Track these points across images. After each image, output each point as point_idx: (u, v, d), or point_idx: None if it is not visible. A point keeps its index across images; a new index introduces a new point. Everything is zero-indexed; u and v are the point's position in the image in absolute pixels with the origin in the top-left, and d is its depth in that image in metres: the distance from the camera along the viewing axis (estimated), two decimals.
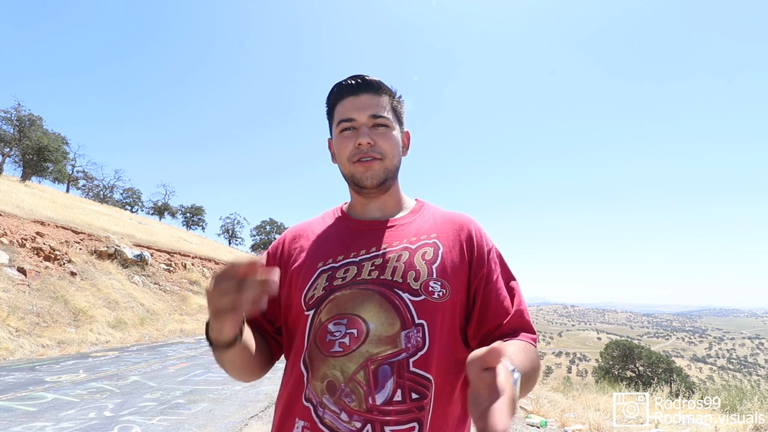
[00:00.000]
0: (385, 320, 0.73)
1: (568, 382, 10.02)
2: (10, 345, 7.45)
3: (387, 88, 0.86)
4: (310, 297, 0.78)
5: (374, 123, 0.83)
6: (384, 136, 0.83)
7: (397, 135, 0.86)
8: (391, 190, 0.89)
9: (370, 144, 0.81)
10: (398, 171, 0.88)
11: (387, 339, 0.72)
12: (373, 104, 0.83)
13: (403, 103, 0.90)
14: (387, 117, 0.84)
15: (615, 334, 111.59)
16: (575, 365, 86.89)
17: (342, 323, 0.74)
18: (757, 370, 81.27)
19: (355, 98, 0.83)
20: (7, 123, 25.75)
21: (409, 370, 0.71)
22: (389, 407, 0.69)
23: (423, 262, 0.78)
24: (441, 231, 0.84)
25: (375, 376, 0.70)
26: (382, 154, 0.82)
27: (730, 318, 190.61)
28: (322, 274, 0.80)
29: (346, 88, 0.84)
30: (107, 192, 41.07)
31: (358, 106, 0.83)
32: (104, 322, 10.31)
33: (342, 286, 0.77)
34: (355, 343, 0.72)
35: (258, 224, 58.51)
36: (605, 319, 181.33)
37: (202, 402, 4.88)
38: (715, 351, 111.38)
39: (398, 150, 0.86)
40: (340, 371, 0.71)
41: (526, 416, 4.81)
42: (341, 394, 0.70)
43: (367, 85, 0.84)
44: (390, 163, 0.84)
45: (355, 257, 0.81)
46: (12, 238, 10.67)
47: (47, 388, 5.23)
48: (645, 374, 21.46)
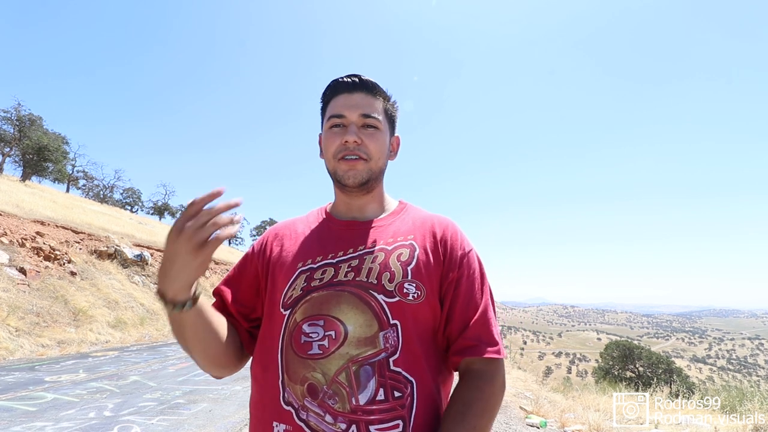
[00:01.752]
0: (363, 322, 0.73)
1: (567, 383, 10.02)
2: (10, 345, 7.44)
3: (382, 91, 0.86)
4: (289, 297, 0.79)
5: (364, 122, 0.82)
6: (372, 137, 0.83)
7: (385, 137, 0.86)
8: (374, 192, 0.89)
9: (357, 143, 0.81)
10: (383, 174, 0.88)
11: (366, 340, 0.72)
12: (365, 104, 0.83)
13: (397, 108, 0.90)
14: (377, 118, 0.83)
15: (615, 334, 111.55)
16: (575, 365, 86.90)
17: (318, 324, 0.74)
18: (757, 371, 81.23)
19: (348, 96, 0.83)
20: (7, 123, 25.75)
21: (389, 368, 0.72)
22: (373, 406, 0.69)
23: (398, 264, 0.78)
24: (418, 233, 0.84)
25: (357, 377, 0.70)
26: (368, 154, 0.82)
27: (730, 318, 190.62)
28: (300, 275, 0.80)
29: (341, 85, 0.84)
30: (107, 192, 41.07)
31: (350, 103, 0.83)
32: (104, 322, 10.31)
33: (319, 287, 0.77)
34: (334, 345, 0.72)
35: (258, 224, 58.55)
36: (605, 319, 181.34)
37: (202, 402, 4.88)
38: (714, 351, 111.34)
39: (385, 153, 0.86)
40: (321, 373, 0.71)
41: (526, 416, 4.81)
42: (324, 396, 0.70)
43: (363, 85, 0.84)
44: (375, 164, 0.84)
45: (333, 258, 0.81)
46: (12, 238, 10.66)
47: (47, 388, 5.23)
48: (645, 375, 21.46)
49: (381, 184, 0.90)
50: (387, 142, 0.86)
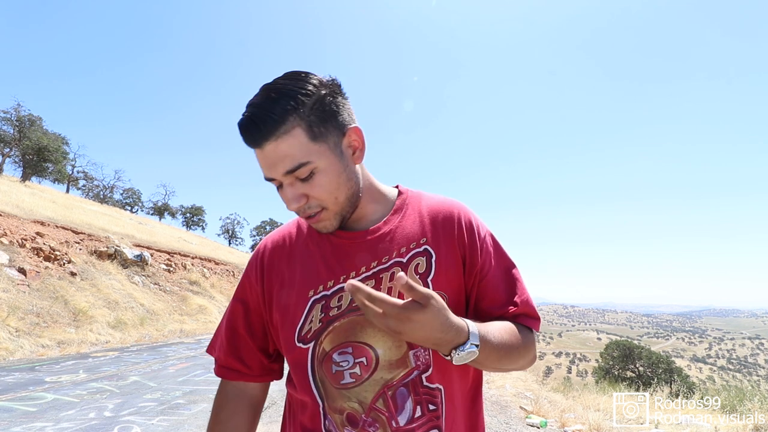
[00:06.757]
0: (392, 344, 0.71)
1: (568, 383, 10.02)
2: (10, 345, 7.45)
3: (294, 108, 0.64)
4: (307, 330, 0.74)
5: (294, 178, 0.67)
6: (312, 183, 0.67)
7: (331, 168, 0.68)
8: (362, 204, 0.77)
9: (303, 204, 0.69)
10: (356, 194, 0.74)
11: (398, 362, 0.71)
12: (280, 157, 0.65)
13: (336, 92, 0.69)
14: (306, 162, 0.65)
15: (615, 334, 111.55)
16: (575, 365, 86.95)
17: (348, 352, 0.71)
18: (757, 371, 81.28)
19: (261, 152, 0.67)
20: (7, 123, 25.77)
21: (422, 385, 0.71)
22: (413, 425, 0.69)
23: (417, 278, 0.74)
24: (429, 232, 0.77)
25: (394, 401, 0.70)
26: (321, 204, 0.70)
27: (730, 318, 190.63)
28: (315, 305, 0.74)
29: (245, 136, 0.66)
30: (107, 192, 41.10)
31: (267, 163, 0.67)
32: (104, 323, 10.31)
33: (338, 316, 0.73)
34: (367, 372, 0.70)
35: (258, 224, 58.56)
36: (605, 319, 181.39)
37: (202, 402, 4.88)
38: (715, 351, 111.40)
39: (341, 182, 0.70)
40: (357, 402, 0.70)
41: (526, 416, 4.81)
42: (364, 425, 0.69)
43: (263, 130, 0.64)
44: (336, 205, 0.71)
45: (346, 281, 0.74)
46: (12, 238, 10.66)
47: (47, 389, 5.23)
48: (645, 374, 21.48)
49: (367, 192, 0.78)
50: (336, 167, 0.69)
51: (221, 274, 21.11)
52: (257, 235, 57.57)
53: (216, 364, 0.86)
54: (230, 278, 21.63)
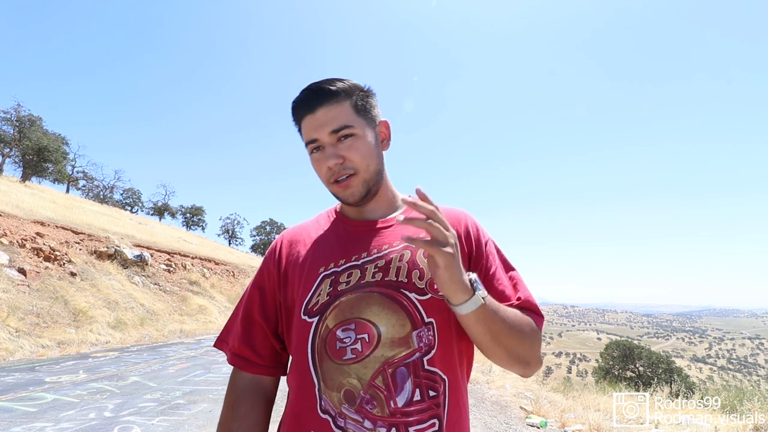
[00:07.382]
0: (396, 322, 0.72)
1: (568, 383, 10.00)
2: (10, 345, 7.44)
3: (345, 88, 0.79)
4: (314, 303, 0.77)
5: (338, 138, 0.77)
6: (352, 147, 0.78)
7: (367, 138, 0.80)
8: (381, 192, 0.86)
9: (339, 163, 0.78)
10: (381, 173, 0.84)
11: (400, 341, 0.71)
12: (330, 118, 0.77)
13: (372, 94, 0.84)
14: (350, 125, 0.77)
15: (615, 334, 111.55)
16: (575, 365, 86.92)
17: (350, 328, 0.73)
18: (757, 371, 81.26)
19: (312, 117, 0.78)
20: (7, 123, 25.75)
21: (423, 368, 0.71)
22: (410, 408, 0.69)
23: (425, 260, 0.76)
24: None
25: (394, 379, 0.70)
26: (355, 168, 0.78)
27: (730, 318, 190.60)
28: (324, 279, 0.78)
29: (300, 105, 0.80)
30: (107, 192, 41.08)
31: (316, 124, 0.78)
32: (104, 323, 10.31)
33: (346, 291, 0.75)
34: (368, 348, 0.71)
35: (258, 224, 58.55)
36: (605, 319, 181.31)
37: (202, 402, 4.88)
38: (715, 351, 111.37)
39: (373, 154, 0.81)
40: (356, 379, 0.70)
41: (527, 416, 4.82)
42: (362, 402, 0.69)
43: (320, 97, 0.78)
44: (366, 173, 0.79)
45: (357, 260, 0.79)
46: (12, 239, 10.66)
47: (47, 389, 5.23)
48: (645, 374, 21.49)
49: (385, 181, 0.86)
50: (371, 140, 0.81)
51: (221, 274, 21.11)
52: (257, 235, 57.58)
53: (229, 353, 0.89)
54: (230, 278, 21.63)
